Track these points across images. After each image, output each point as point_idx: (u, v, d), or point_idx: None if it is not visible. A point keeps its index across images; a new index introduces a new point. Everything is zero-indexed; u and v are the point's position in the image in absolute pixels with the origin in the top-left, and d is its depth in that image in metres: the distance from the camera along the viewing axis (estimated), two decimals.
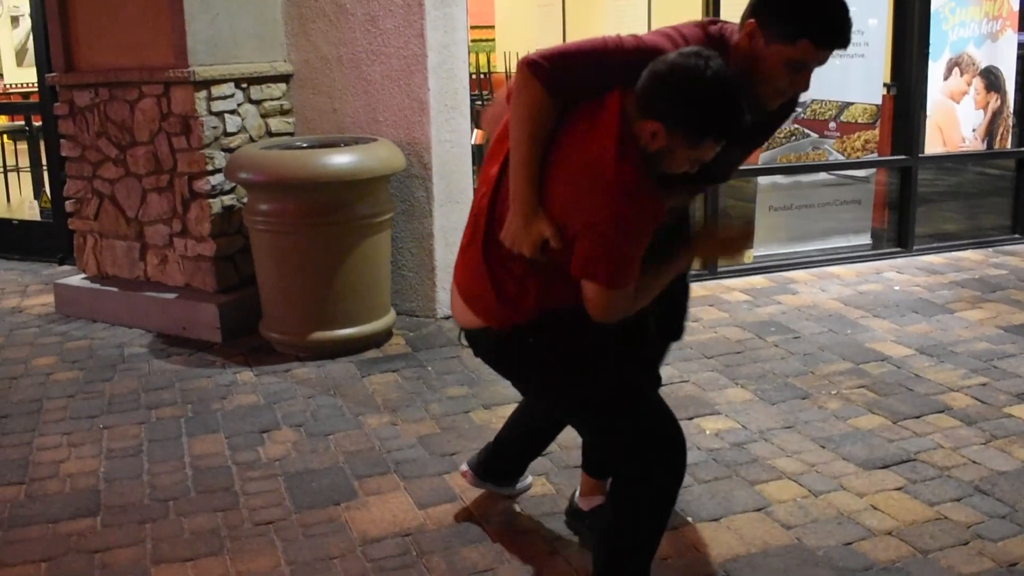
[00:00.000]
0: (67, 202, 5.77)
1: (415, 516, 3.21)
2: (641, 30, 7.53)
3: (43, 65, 6.68)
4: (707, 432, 3.80)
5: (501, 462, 3.21)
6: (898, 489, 3.33)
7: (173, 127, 5.14)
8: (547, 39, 9.98)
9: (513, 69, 9.65)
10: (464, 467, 3.28)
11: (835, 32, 2.27)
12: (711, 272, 5.97)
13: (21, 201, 8.61)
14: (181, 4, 5.00)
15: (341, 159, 4.68)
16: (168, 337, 5.15)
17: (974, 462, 3.53)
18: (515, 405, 3.28)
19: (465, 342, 2.65)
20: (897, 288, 5.81)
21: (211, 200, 5.11)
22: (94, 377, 4.62)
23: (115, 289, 5.46)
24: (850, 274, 6.13)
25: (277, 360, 4.77)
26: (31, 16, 6.83)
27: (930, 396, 4.15)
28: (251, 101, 5.35)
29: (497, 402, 4.15)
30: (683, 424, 2.50)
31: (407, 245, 5.34)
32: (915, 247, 6.58)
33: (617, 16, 9.35)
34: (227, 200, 5.19)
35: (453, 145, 5.28)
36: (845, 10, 2.29)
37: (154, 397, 4.35)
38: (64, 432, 3.99)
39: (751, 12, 2.31)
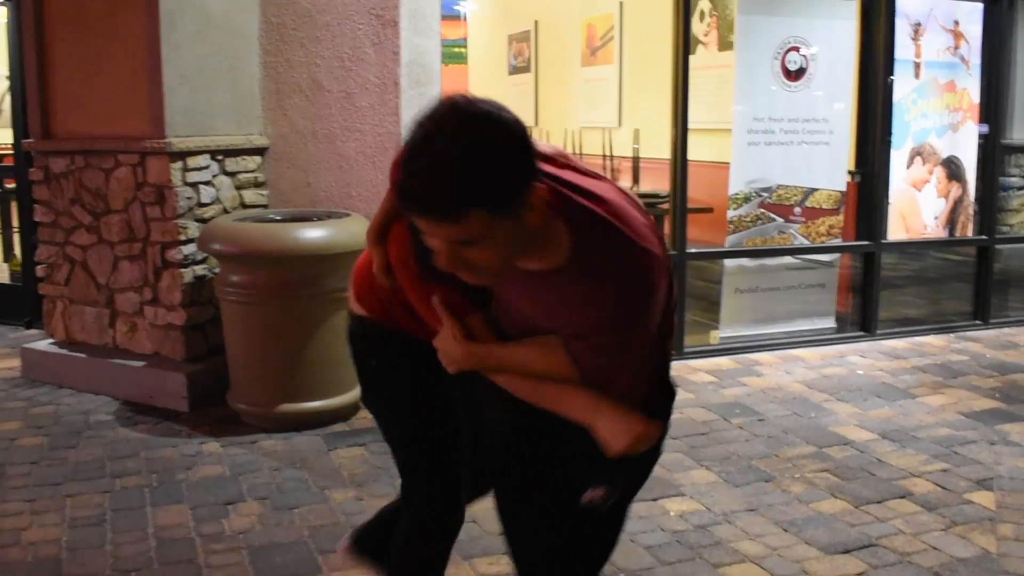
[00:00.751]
0: (38, 267, 5.77)
1: None
2: (612, 107, 7.60)
3: (19, 128, 6.72)
4: (671, 514, 3.82)
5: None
6: (859, 574, 3.37)
7: (148, 196, 5.18)
8: (519, 114, 10.11)
9: None
10: (344, 540, 2.86)
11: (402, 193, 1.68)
12: (677, 353, 6.03)
13: None
14: (160, 75, 5.08)
15: (313, 233, 4.73)
16: (135, 405, 5.13)
17: (934, 548, 3.57)
18: None
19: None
20: (860, 372, 5.90)
21: (183, 270, 5.14)
22: (59, 444, 4.59)
23: (83, 355, 5.44)
24: (814, 357, 6.21)
25: (244, 431, 4.76)
26: (9, 80, 6.87)
27: (892, 481, 4.20)
28: (226, 173, 5.41)
29: None
30: (647, 505, 2.54)
31: None
32: (878, 331, 6.68)
33: (589, 93, 9.55)
34: (199, 270, 5.21)
35: None
36: (427, 174, 1.63)
37: (119, 466, 4.33)
38: (27, 499, 3.95)
39: None
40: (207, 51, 5.30)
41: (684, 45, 5.99)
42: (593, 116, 9.49)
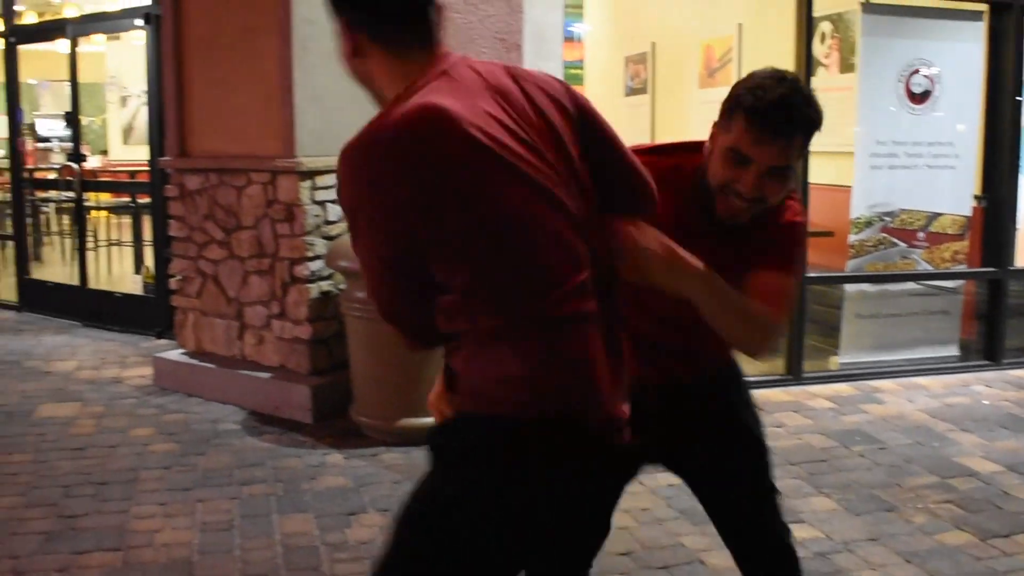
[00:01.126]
0: (171, 279, 6.02)
1: None
2: None
3: (155, 147, 7.02)
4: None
5: None
6: None
7: (277, 213, 5.37)
8: (635, 136, 10.14)
9: None
10: None
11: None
12: (796, 378, 5.97)
13: (122, 274, 8.96)
14: (292, 97, 5.27)
15: None
16: (261, 415, 5.31)
17: None
18: None
19: None
20: (986, 402, 5.75)
21: (310, 285, 5.30)
22: (189, 450, 4.78)
23: (212, 366, 5.66)
24: (937, 385, 6.07)
25: (366, 444, 4.88)
26: (148, 102, 7.18)
27: (1019, 514, 4.09)
28: None
29: None
30: None
31: None
32: (1005, 360, 6.50)
33: (707, 116, 9.51)
34: (325, 286, 5.37)
35: None
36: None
37: (246, 473, 4.49)
38: (159, 503, 4.13)
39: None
40: (340, 73, 5.45)
41: (806, 67, 5.95)
42: None
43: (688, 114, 9.93)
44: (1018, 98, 6.41)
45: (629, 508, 4.03)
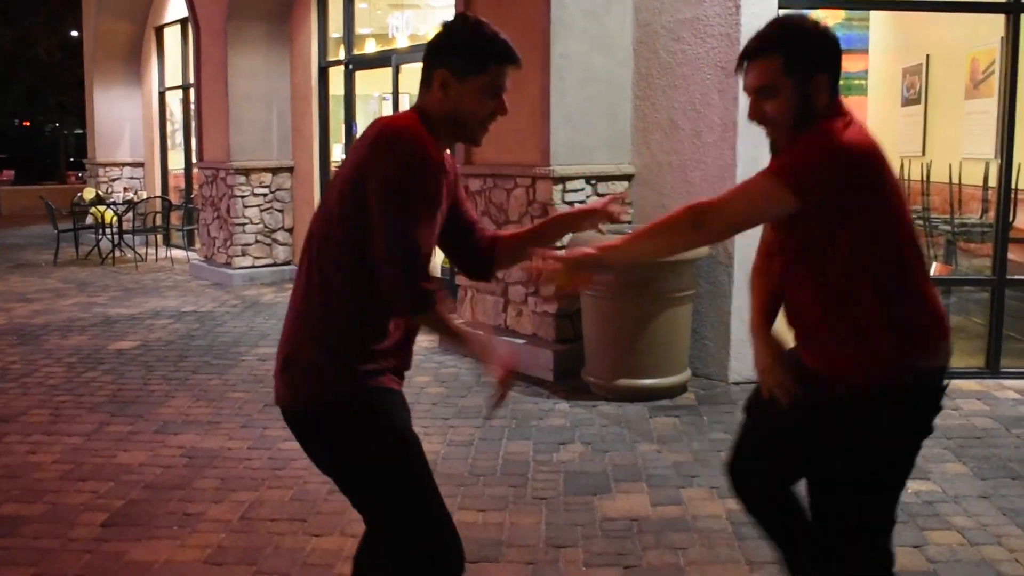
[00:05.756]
0: None
1: (646, 510, 4.34)
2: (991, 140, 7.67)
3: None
4: (908, 490, 4.56)
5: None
6: None
7: (536, 211, 6.64)
8: (910, 146, 10.67)
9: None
10: None
11: (512, 51, 2.45)
12: (992, 371, 6.49)
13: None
14: (548, 117, 6.52)
15: None
16: (515, 373, 6.59)
17: None
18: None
19: None
20: None
21: None
22: (453, 394, 6.16)
23: (481, 333, 7.02)
24: None
25: (589, 398, 6.05)
26: None
27: None
28: (598, 194, 6.75)
29: None
30: None
31: (710, 319, 6.45)
32: None
33: (970, 126, 9.85)
34: None
35: (753, 240, 6.32)
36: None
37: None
38: (421, 427, 5.49)
39: (436, 65, 2.44)
40: (588, 97, 6.68)
41: None
42: (974, 148, 9.80)
43: (955, 124, 10.29)
44: None
45: None
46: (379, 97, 13.55)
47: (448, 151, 2.58)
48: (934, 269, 8.77)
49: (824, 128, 2.46)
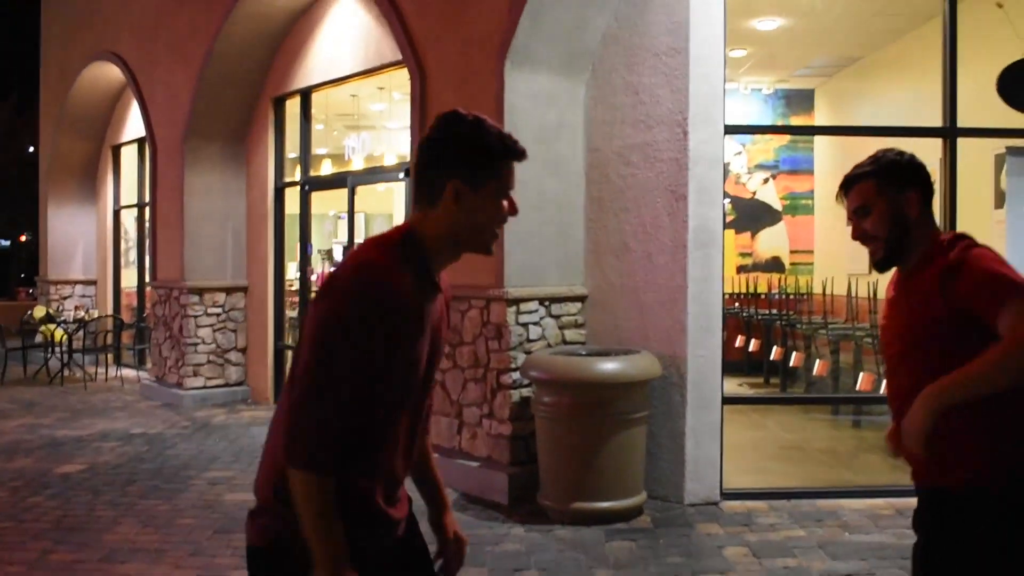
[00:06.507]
0: None
1: None
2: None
3: None
4: None
5: None
6: None
7: (490, 332, 6.67)
8: (856, 265, 10.87)
9: (833, 292, 10.47)
10: None
11: (517, 144, 2.26)
12: None
13: None
14: (502, 239, 6.59)
15: (607, 366, 5.96)
16: (469, 496, 6.55)
17: None
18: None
19: None
20: None
21: (512, 391, 6.53)
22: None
23: (436, 455, 6.95)
24: None
25: (546, 522, 5.99)
26: None
27: None
28: (551, 315, 6.80)
29: (704, 571, 5.11)
30: None
31: (664, 440, 6.45)
32: None
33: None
34: (525, 392, 6.59)
35: (706, 360, 6.41)
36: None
37: None
38: None
39: (445, 175, 2.20)
40: (541, 220, 6.78)
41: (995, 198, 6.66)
42: None
43: None
44: None
45: None
46: (335, 216, 13.66)
47: (441, 275, 2.37)
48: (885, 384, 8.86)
49: (962, 243, 2.67)
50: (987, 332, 2.48)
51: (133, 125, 13.66)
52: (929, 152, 8.31)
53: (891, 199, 2.73)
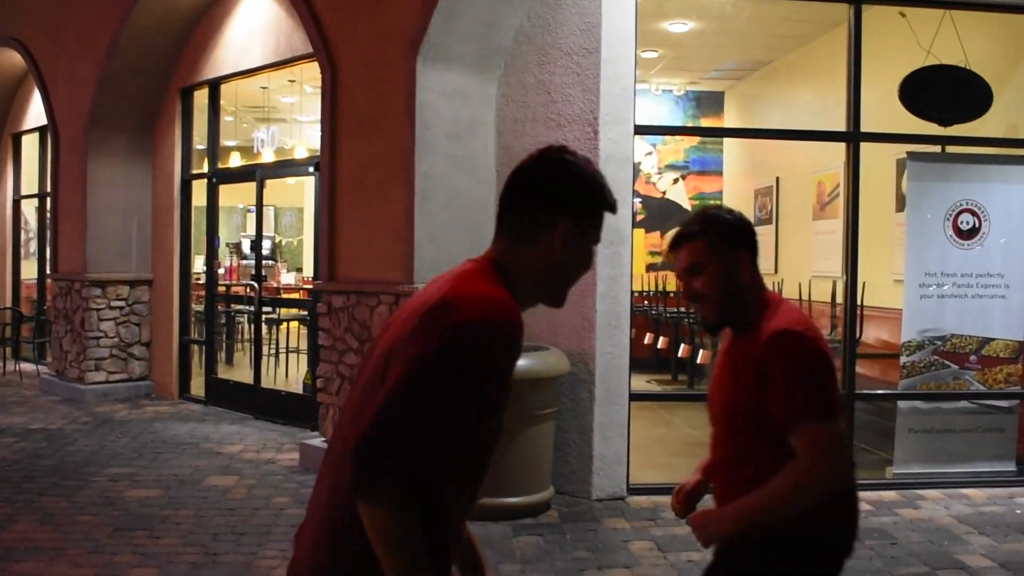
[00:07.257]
0: (317, 380, 7.38)
1: None
2: (838, 259, 8.02)
3: (317, 271, 8.52)
4: None
5: None
6: None
7: None
8: (763, 264, 11.08)
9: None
10: None
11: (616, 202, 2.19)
12: None
13: (295, 376, 10.49)
14: (412, 235, 6.57)
15: (519, 362, 5.96)
16: None
17: None
18: (623, 570, 4.23)
19: None
20: (1020, 512, 6.33)
21: None
22: None
23: None
24: (981, 496, 6.68)
25: None
26: (315, 235, 8.72)
27: None
28: None
29: (610, 565, 5.16)
30: None
31: (572, 436, 6.50)
32: None
33: (818, 245, 10.35)
34: None
35: (614, 357, 6.48)
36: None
37: None
38: (282, 550, 5.35)
39: (557, 212, 2.04)
40: (452, 216, 6.78)
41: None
42: (822, 266, 10.28)
43: (804, 243, 10.80)
44: None
45: None
46: (243, 209, 13.50)
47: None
48: None
49: (783, 314, 2.63)
50: None
51: (35, 113, 13.27)
52: (834, 156, 8.53)
53: (723, 259, 2.67)
